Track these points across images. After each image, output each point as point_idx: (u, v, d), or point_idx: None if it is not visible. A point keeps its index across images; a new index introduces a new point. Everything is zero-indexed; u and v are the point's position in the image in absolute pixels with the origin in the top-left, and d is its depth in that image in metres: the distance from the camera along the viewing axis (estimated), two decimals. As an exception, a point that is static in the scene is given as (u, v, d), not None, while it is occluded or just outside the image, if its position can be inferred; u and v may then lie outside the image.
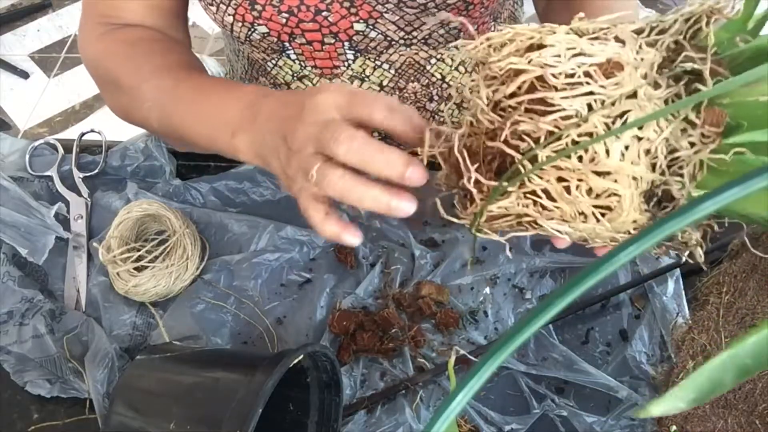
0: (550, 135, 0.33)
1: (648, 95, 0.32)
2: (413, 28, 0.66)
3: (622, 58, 0.32)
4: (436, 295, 0.68)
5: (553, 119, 0.32)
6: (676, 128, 0.33)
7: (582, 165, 0.32)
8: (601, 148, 0.32)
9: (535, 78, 0.33)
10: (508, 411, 0.63)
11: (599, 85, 0.32)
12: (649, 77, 0.32)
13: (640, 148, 0.32)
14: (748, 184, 0.17)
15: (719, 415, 0.61)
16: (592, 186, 0.33)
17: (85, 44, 0.70)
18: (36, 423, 0.64)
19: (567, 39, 0.33)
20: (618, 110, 0.32)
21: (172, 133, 0.62)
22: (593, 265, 0.18)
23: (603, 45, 0.33)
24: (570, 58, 0.32)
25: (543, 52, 0.33)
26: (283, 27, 0.65)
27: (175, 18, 0.70)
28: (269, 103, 0.50)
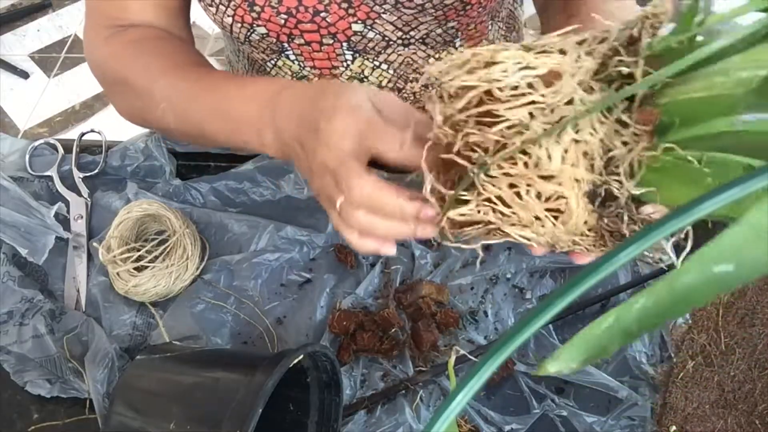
0: (498, 144, 0.35)
1: (583, 100, 0.34)
2: (411, 28, 0.66)
3: (561, 68, 0.34)
4: (436, 295, 0.68)
5: (499, 129, 0.34)
6: (609, 130, 0.34)
7: (528, 170, 0.34)
8: (543, 153, 0.34)
9: (483, 93, 0.35)
10: (508, 411, 0.63)
11: (540, 94, 0.34)
12: (584, 84, 0.34)
13: (578, 151, 0.34)
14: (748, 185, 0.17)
15: (719, 415, 0.61)
16: (539, 190, 0.35)
17: (92, 48, 0.69)
18: (36, 423, 0.64)
19: (516, 55, 0.35)
20: (556, 116, 0.34)
21: (190, 132, 0.62)
22: (593, 265, 0.18)
23: (546, 57, 0.35)
24: (516, 72, 0.34)
25: (492, 68, 0.35)
26: (281, 28, 0.65)
27: (179, 17, 0.70)
28: (284, 100, 0.50)
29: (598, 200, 0.36)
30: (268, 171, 0.78)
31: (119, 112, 0.68)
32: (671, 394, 0.62)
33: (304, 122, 0.47)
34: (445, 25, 0.67)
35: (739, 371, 0.62)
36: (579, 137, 0.34)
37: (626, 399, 0.62)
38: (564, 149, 0.34)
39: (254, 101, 0.53)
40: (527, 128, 0.34)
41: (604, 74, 0.35)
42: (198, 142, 0.71)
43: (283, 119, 0.49)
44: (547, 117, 0.34)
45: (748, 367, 0.62)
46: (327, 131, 0.44)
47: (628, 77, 0.35)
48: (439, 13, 0.64)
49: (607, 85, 0.35)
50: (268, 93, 0.52)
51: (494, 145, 0.35)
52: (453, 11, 0.64)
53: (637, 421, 0.61)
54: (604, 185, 0.35)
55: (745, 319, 0.65)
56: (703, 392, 0.62)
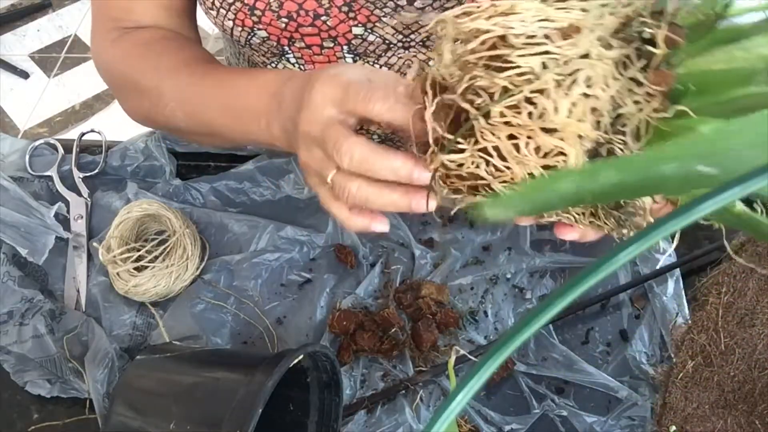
0: (505, 91, 0.33)
1: (599, 55, 0.33)
2: (411, 31, 0.66)
3: (582, 23, 0.33)
4: (436, 295, 0.68)
5: (508, 75, 0.33)
6: (623, 87, 0.33)
7: (531, 121, 0.33)
8: (550, 104, 0.33)
9: (498, 38, 0.34)
10: (508, 411, 0.63)
11: (555, 45, 0.33)
12: (603, 40, 0.33)
13: (586, 106, 0.33)
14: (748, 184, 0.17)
15: (719, 415, 0.61)
16: (540, 144, 0.33)
17: (99, 51, 0.69)
18: (36, 423, 0.64)
19: (536, 7, 0.34)
20: (570, 69, 0.33)
21: (201, 129, 0.62)
22: (593, 265, 0.18)
23: (567, 12, 0.34)
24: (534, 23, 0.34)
25: (510, 16, 0.34)
26: (282, 31, 0.65)
27: (185, 17, 0.70)
28: (290, 89, 0.50)
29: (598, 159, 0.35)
30: (268, 171, 0.78)
31: (128, 114, 0.68)
32: (671, 394, 0.62)
33: (296, 105, 0.46)
34: None
35: (739, 371, 0.62)
36: (590, 92, 0.33)
37: (626, 399, 0.62)
38: (572, 102, 0.33)
39: (262, 94, 0.52)
40: (538, 78, 0.33)
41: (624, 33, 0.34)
42: (208, 140, 0.71)
43: (286, 107, 0.49)
44: (560, 68, 0.33)
45: (748, 367, 0.62)
46: (307, 101, 0.44)
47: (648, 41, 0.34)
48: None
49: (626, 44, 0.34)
50: (276, 83, 0.52)
51: (501, 91, 0.34)
52: None
53: (637, 421, 0.61)
54: (607, 144, 0.34)
55: (745, 319, 0.65)
56: (703, 392, 0.62)
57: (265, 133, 0.53)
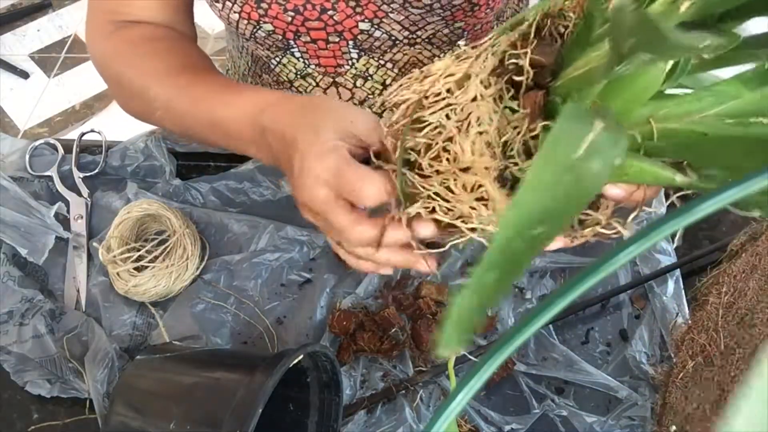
0: (427, 147, 0.39)
1: (483, 95, 0.38)
2: (418, 28, 0.66)
3: (470, 70, 0.38)
4: (436, 295, 0.68)
5: (425, 132, 0.39)
6: (502, 118, 0.38)
7: (450, 165, 0.38)
8: (458, 147, 0.38)
9: (416, 103, 0.40)
10: (508, 411, 0.63)
11: (454, 96, 0.38)
12: (484, 81, 0.38)
13: (482, 141, 0.38)
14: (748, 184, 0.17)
15: (719, 415, 0.61)
16: (464, 182, 0.38)
17: (93, 43, 0.69)
18: (36, 423, 0.64)
19: (445, 65, 0.40)
20: (465, 114, 0.38)
21: (193, 138, 0.63)
22: (593, 265, 0.18)
23: (464, 63, 0.39)
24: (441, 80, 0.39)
25: (425, 80, 0.40)
26: (288, 25, 0.65)
27: (182, 13, 0.70)
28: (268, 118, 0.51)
29: (508, 183, 0.39)
30: (268, 171, 0.78)
31: (120, 106, 0.68)
32: (671, 394, 0.62)
33: (286, 154, 0.48)
34: (453, 25, 0.67)
35: (740, 371, 0.62)
36: (481, 129, 0.37)
37: (626, 399, 0.62)
38: (471, 141, 0.37)
39: (242, 123, 0.53)
40: (445, 128, 0.38)
41: (501, 69, 0.38)
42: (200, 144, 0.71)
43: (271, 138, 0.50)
44: (458, 115, 0.38)
45: (748, 367, 0.62)
46: (301, 176, 0.45)
47: (520, 69, 0.38)
48: (447, 13, 0.64)
49: (500, 79, 0.38)
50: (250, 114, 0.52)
51: (425, 147, 0.39)
52: (461, 12, 0.64)
53: (637, 421, 0.61)
54: (507, 169, 0.39)
55: (745, 319, 0.65)
56: (703, 392, 0.62)
57: (255, 156, 0.54)
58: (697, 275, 0.68)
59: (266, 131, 0.50)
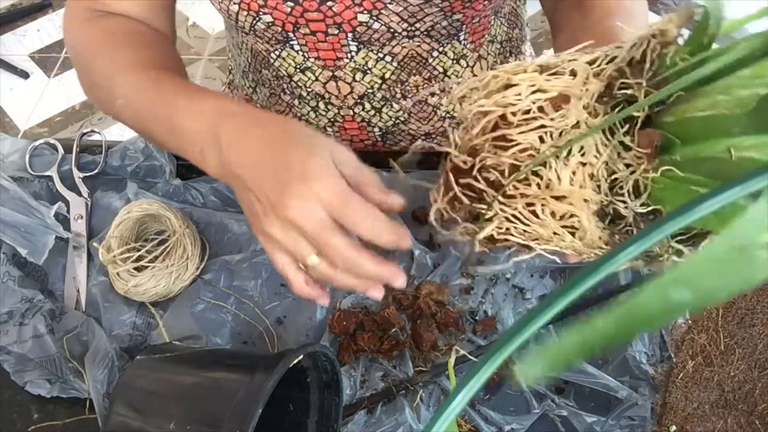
0: (512, 167, 0.37)
1: (588, 124, 0.35)
2: (416, 20, 0.66)
3: (570, 91, 0.36)
4: (436, 295, 0.68)
5: (512, 153, 0.37)
6: (613, 152, 0.36)
7: (541, 191, 0.36)
8: (553, 174, 0.36)
9: (498, 117, 0.37)
10: (508, 411, 0.63)
11: (549, 118, 0.36)
12: (590, 107, 0.36)
13: (585, 173, 0.36)
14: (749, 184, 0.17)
15: (719, 415, 0.61)
16: (553, 209, 0.36)
17: (68, 27, 0.69)
18: (36, 423, 0.64)
19: (530, 77, 0.37)
20: (564, 140, 0.35)
21: (143, 132, 0.63)
22: (593, 265, 0.18)
23: (557, 80, 0.37)
24: (528, 95, 0.36)
25: (507, 92, 0.37)
26: (287, 16, 0.65)
27: (161, 9, 0.70)
28: (233, 130, 0.50)
29: (608, 218, 0.37)
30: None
31: (85, 93, 0.69)
32: (671, 394, 0.62)
33: (267, 173, 0.47)
34: (451, 17, 0.67)
35: (739, 371, 0.62)
36: (585, 160, 0.35)
37: (626, 399, 0.62)
38: (572, 171, 0.35)
39: (199, 120, 0.52)
40: (538, 151, 0.36)
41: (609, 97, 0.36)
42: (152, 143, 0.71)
43: (231, 151, 0.49)
44: (555, 141, 0.35)
45: (748, 367, 0.62)
46: (299, 194, 0.45)
47: (632, 99, 0.36)
48: (446, 4, 0.64)
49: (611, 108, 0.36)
50: (214, 113, 0.52)
51: (509, 167, 0.37)
52: (459, 3, 0.64)
53: (637, 421, 0.61)
54: (611, 205, 0.37)
55: (745, 319, 0.65)
56: (703, 392, 0.62)
57: (196, 158, 0.54)
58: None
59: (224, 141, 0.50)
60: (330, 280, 0.48)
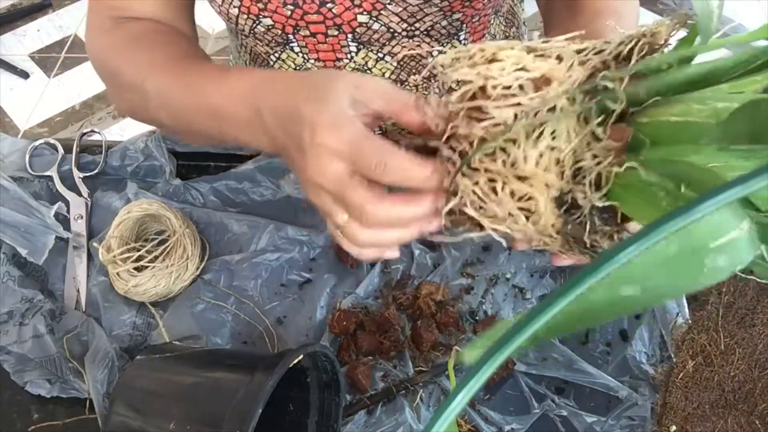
0: (482, 140, 0.36)
1: (564, 109, 0.35)
2: (416, 20, 0.66)
3: (553, 74, 0.36)
4: (436, 295, 0.68)
5: (485, 125, 0.36)
6: (582, 141, 0.36)
7: (505, 169, 0.36)
8: (520, 153, 0.35)
9: (479, 88, 0.37)
10: (508, 411, 0.63)
11: (528, 97, 0.35)
12: (569, 93, 0.35)
13: (551, 157, 0.35)
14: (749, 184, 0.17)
15: (719, 415, 0.61)
16: (513, 189, 0.36)
17: (91, 39, 0.69)
18: (36, 423, 0.64)
19: (516, 55, 0.36)
20: (538, 121, 0.35)
21: (183, 129, 0.61)
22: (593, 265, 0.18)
23: (543, 62, 0.36)
24: (511, 72, 0.36)
25: (491, 65, 0.36)
26: (287, 19, 0.65)
27: (182, 11, 0.70)
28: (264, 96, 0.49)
29: (564, 206, 0.37)
30: (268, 171, 0.78)
31: (117, 107, 0.67)
32: (671, 394, 0.62)
33: (288, 129, 0.45)
34: (451, 17, 0.67)
35: (739, 371, 0.62)
36: (554, 144, 0.35)
37: (626, 399, 0.62)
38: (539, 153, 0.35)
39: (236, 102, 0.51)
40: (510, 129, 0.35)
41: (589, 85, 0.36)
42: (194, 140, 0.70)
43: (270, 120, 0.48)
44: (529, 120, 0.35)
45: (748, 367, 0.62)
46: (312, 150, 0.43)
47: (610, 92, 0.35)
48: (445, 4, 0.64)
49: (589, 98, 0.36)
50: (246, 91, 0.50)
51: (479, 140, 0.36)
52: (459, 2, 0.64)
53: (637, 421, 0.61)
54: (570, 193, 0.37)
55: (745, 319, 0.65)
56: (703, 392, 0.62)
57: (251, 143, 0.52)
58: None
59: (262, 109, 0.48)
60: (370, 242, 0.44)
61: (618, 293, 0.20)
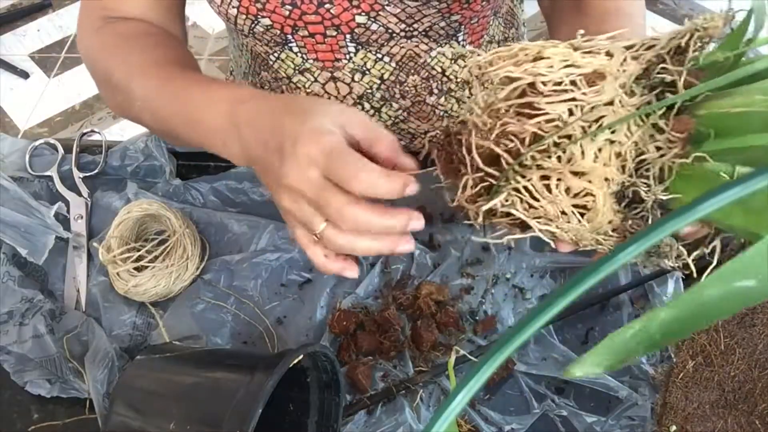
0: (534, 137, 0.35)
1: (623, 102, 0.34)
2: (414, 21, 0.66)
3: (606, 69, 0.35)
4: (436, 295, 0.68)
5: (537, 122, 0.35)
6: (645, 133, 0.35)
7: (561, 165, 0.35)
8: (577, 149, 0.34)
9: (527, 85, 0.36)
10: (508, 411, 0.63)
11: (582, 92, 0.35)
12: (626, 86, 0.35)
13: (611, 151, 0.34)
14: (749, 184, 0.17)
15: (719, 415, 0.61)
16: (569, 185, 0.35)
17: (82, 38, 0.70)
18: (36, 423, 0.64)
19: (563, 52, 0.36)
20: (595, 115, 0.34)
21: (165, 132, 0.63)
22: (593, 265, 0.18)
23: (593, 58, 0.36)
24: (561, 68, 0.35)
25: (538, 63, 0.36)
26: (286, 19, 0.65)
27: (172, 13, 0.71)
28: (247, 113, 0.50)
29: (624, 201, 0.36)
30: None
31: (104, 100, 0.69)
32: (671, 394, 0.62)
33: (268, 143, 0.47)
34: (449, 18, 0.67)
35: (739, 371, 0.62)
36: (614, 138, 0.34)
37: (626, 399, 0.62)
38: (598, 148, 0.34)
39: (219, 110, 0.52)
40: (565, 124, 0.34)
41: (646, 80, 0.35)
42: (175, 142, 0.71)
43: (248, 133, 0.49)
44: (585, 115, 0.34)
45: (748, 367, 0.62)
46: (292, 158, 0.44)
47: (669, 85, 0.35)
48: (443, 5, 0.64)
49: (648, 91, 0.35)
50: (231, 102, 0.52)
51: (531, 136, 0.35)
52: (457, 4, 0.64)
53: (637, 421, 0.61)
54: (632, 187, 0.36)
55: (745, 319, 0.65)
56: (703, 392, 0.62)
57: (220, 150, 0.53)
58: (697, 275, 0.68)
59: (240, 123, 0.50)
60: (346, 248, 0.45)
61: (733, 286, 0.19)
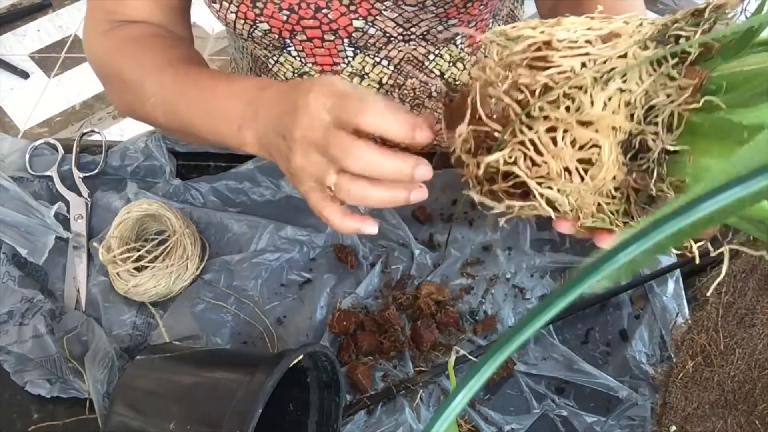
0: (545, 89, 0.35)
1: (636, 55, 0.35)
2: (412, 25, 0.66)
3: (622, 30, 0.35)
4: (436, 295, 0.68)
5: (549, 73, 0.35)
6: (656, 82, 0.35)
7: (569, 114, 0.35)
8: (587, 98, 0.34)
9: (543, 43, 0.36)
10: (508, 411, 0.63)
11: (597, 48, 0.35)
12: (640, 42, 0.35)
13: (621, 99, 0.35)
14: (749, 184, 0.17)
15: (719, 415, 0.61)
16: (575, 136, 0.35)
17: (90, 41, 0.70)
18: (36, 423, 0.64)
19: (581, 20, 0.37)
20: (608, 67, 0.35)
21: (178, 127, 0.63)
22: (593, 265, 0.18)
23: (610, 23, 0.36)
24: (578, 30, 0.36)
25: (556, 27, 0.36)
26: (284, 24, 0.65)
27: (178, 15, 0.71)
28: (267, 96, 0.51)
29: (631, 152, 0.36)
30: (268, 171, 0.78)
31: (115, 106, 0.69)
32: (671, 394, 0.62)
33: (282, 112, 0.48)
34: (446, 22, 0.67)
35: (739, 371, 0.62)
36: (624, 86, 0.34)
37: (626, 399, 0.62)
38: (608, 96, 0.34)
39: (238, 99, 0.53)
40: (576, 75, 0.35)
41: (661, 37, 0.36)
42: (184, 138, 0.72)
43: (263, 117, 0.50)
44: (598, 67, 0.35)
45: (748, 367, 0.62)
46: (304, 107, 0.45)
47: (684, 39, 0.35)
48: (440, 10, 0.64)
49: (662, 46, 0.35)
50: (252, 90, 0.53)
51: (542, 88, 0.36)
52: (454, 9, 0.64)
53: (637, 421, 0.61)
54: (639, 135, 0.36)
55: (745, 319, 0.65)
56: (703, 392, 0.62)
57: (234, 137, 0.54)
58: (697, 275, 0.68)
59: (260, 108, 0.51)
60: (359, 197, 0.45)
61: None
